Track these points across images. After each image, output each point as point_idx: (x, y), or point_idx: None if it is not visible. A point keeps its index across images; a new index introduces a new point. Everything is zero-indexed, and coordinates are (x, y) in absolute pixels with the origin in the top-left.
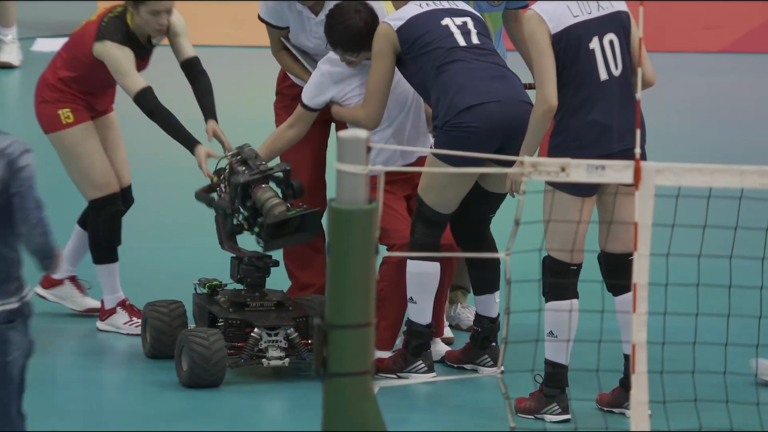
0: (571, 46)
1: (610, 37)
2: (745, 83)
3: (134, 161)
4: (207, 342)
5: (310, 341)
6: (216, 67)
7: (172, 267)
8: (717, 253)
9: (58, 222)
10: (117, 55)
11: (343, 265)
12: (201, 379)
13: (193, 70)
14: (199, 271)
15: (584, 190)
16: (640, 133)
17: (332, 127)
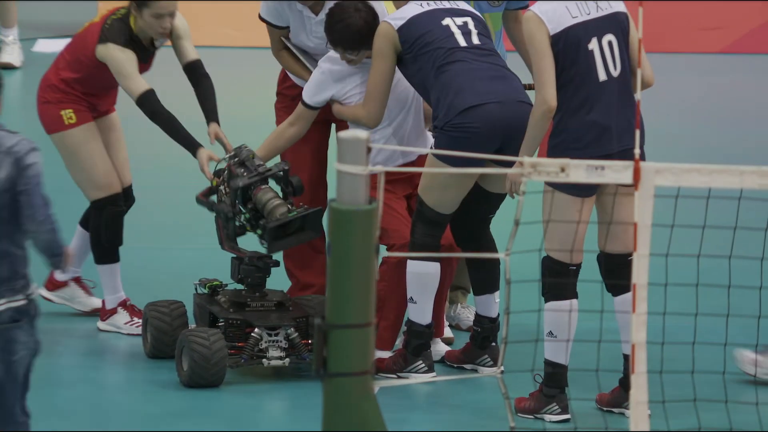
0: (570, 47)
1: (609, 37)
2: (744, 84)
3: (135, 162)
4: (207, 342)
5: (310, 341)
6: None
7: (173, 267)
8: (716, 254)
9: (59, 223)
10: (120, 58)
11: (343, 266)
12: (201, 379)
13: (195, 73)
14: (199, 272)
15: (583, 191)
16: (639, 134)
17: (333, 127)
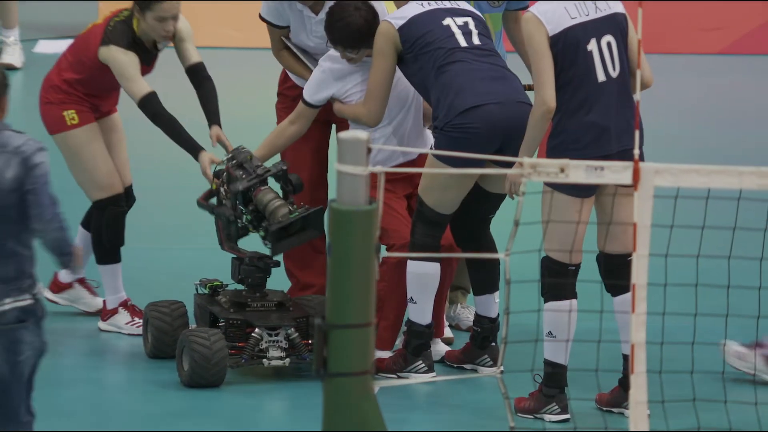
0: (568, 47)
1: (608, 38)
2: (743, 85)
3: (135, 162)
4: (208, 342)
5: (310, 341)
6: (217, 69)
7: (174, 267)
8: (715, 254)
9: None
10: (122, 60)
11: (343, 266)
12: (202, 379)
13: (198, 75)
14: (200, 272)
15: (583, 191)
16: (638, 135)
17: (333, 128)
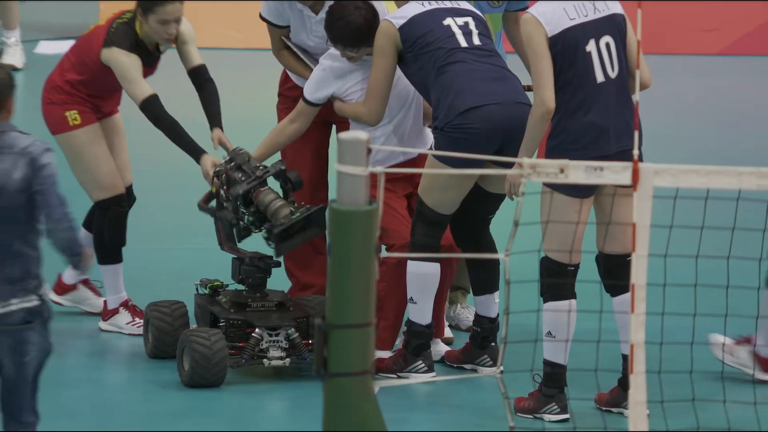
0: (567, 48)
1: (606, 39)
2: (742, 85)
3: (136, 162)
4: (208, 342)
5: (310, 341)
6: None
7: (174, 268)
8: (714, 254)
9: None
10: (124, 62)
11: (343, 266)
12: (202, 379)
13: (200, 78)
14: (200, 272)
15: (582, 192)
16: (637, 135)
17: (333, 128)
